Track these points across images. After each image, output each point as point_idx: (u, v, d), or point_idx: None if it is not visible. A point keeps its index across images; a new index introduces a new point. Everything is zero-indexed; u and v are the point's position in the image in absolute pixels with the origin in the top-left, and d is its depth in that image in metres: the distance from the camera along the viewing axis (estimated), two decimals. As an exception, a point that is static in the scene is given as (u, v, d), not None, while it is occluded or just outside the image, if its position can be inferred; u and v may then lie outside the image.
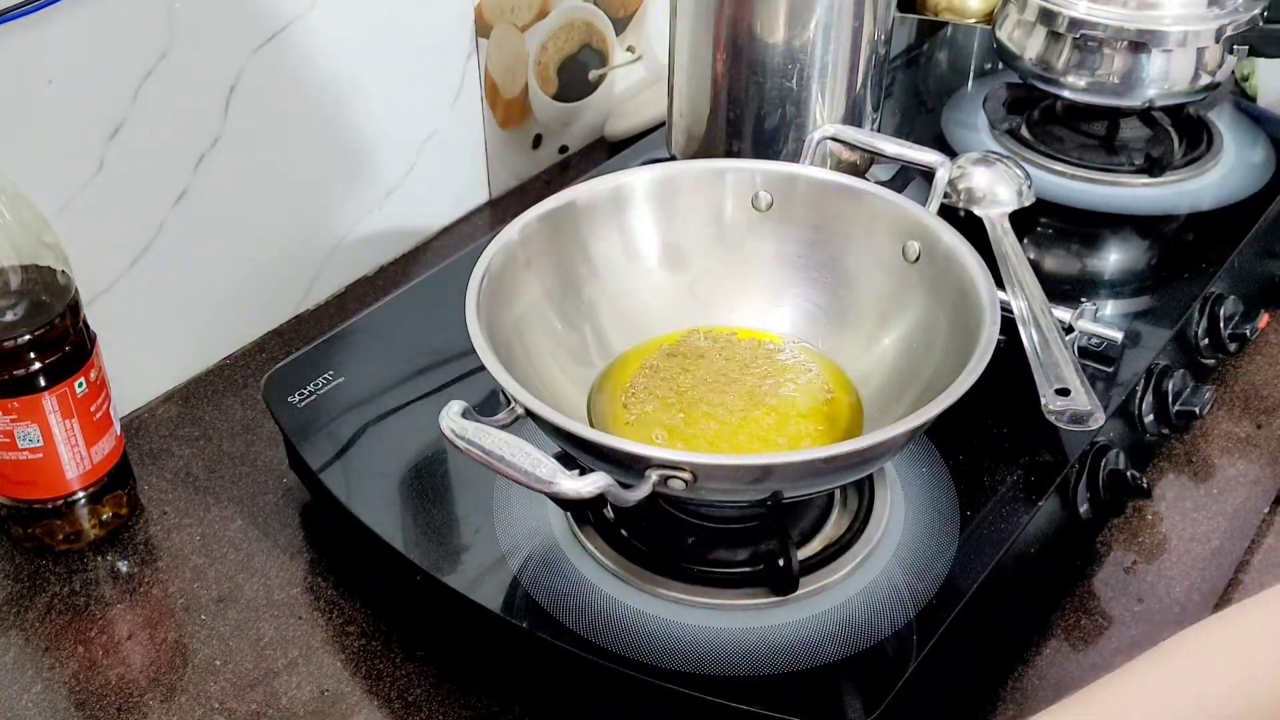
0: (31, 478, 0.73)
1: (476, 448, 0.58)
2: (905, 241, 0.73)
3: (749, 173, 0.77)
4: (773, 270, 0.77)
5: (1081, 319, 0.81)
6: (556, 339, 0.73)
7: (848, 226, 0.75)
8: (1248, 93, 1.14)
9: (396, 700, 0.68)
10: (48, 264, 0.70)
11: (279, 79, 0.88)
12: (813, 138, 0.81)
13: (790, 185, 0.77)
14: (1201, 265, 0.89)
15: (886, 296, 0.74)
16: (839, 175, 0.77)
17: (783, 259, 0.77)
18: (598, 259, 0.75)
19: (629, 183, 0.76)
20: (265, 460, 0.83)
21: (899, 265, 0.73)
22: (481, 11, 1.01)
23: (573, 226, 0.74)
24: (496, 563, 0.68)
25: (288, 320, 0.97)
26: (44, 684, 0.70)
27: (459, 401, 0.59)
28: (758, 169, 0.77)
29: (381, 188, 1.00)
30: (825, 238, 0.76)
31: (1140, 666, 0.47)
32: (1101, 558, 0.76)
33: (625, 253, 0.76)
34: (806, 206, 0.76)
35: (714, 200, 0.77)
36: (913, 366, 0.71)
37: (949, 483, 0.72)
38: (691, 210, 0.77)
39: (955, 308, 0.69)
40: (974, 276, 0.68)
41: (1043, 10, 0.99)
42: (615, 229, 0.76)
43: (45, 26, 0.74)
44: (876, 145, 0.80)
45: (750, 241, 0.77)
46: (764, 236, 0.77)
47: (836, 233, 0.76)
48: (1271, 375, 0.89)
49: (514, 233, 0.71)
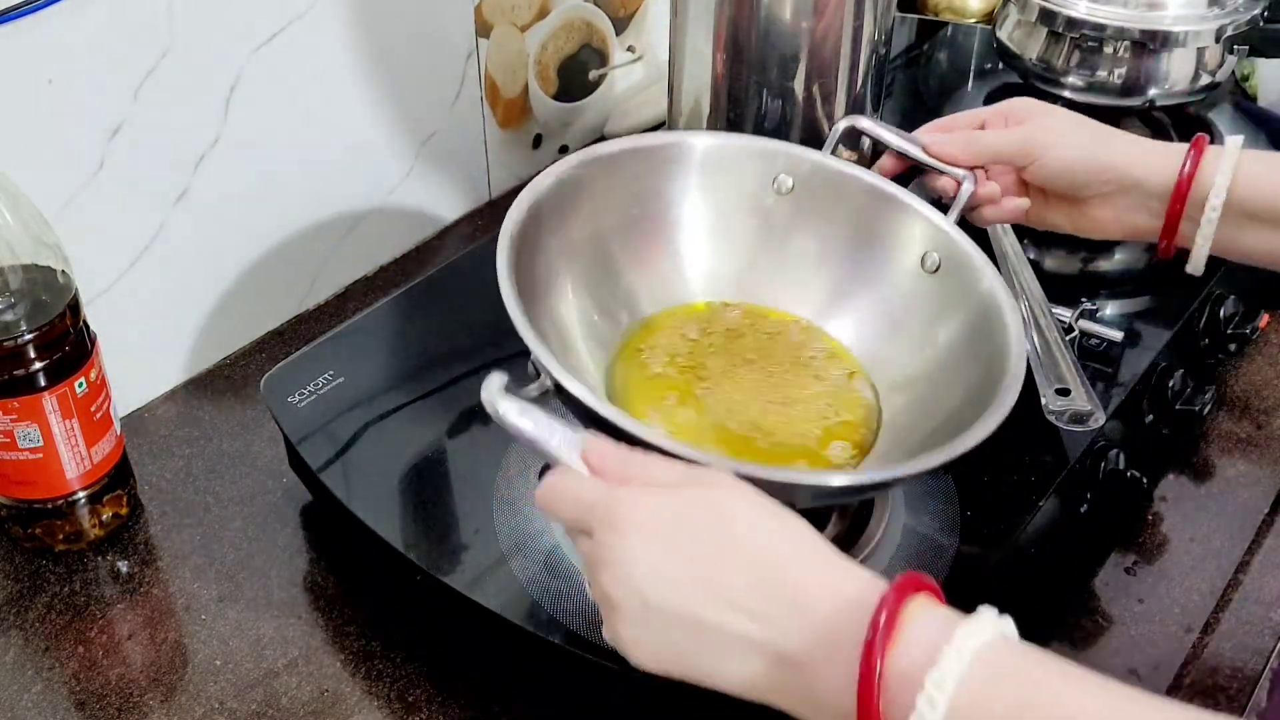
0: (31, 478, 0.73)
1: (511, 424, 0.57)
2: (925, 251, 0.73)
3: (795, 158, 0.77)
4: (803, 255, 0.77)
5: (1081, 319, 0.81)
6: (583, 302, 0.72)
7: (869, 228, 0.75)
8: (1248, 93, 1.14)
9: (396, 700, 0.68)
10: (48, 264, 0.70)
11: (279, 79, 0.88)
12: (838, 126, 0.80)
13: (814, 174, 0.76)
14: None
15: (901, 304, 0.74)
16: (868, 174, 0.77)
17: (812, 246, 0.77)
18: (635, 214, 0.75)
19: (683, 141, 0.76)
20: (265, 460, 0.83)
21: (917, 274, 0.73)
22: (481, 11, 1.01)
23: (613, 177, 0.74)
24: (496, 563, 0.68)
25: (288, 320, 0.97)
26: (44, 684, 0.70)
27: (500, 374, 0.58)
28: (804, 157, 0.77)
29: (381, 188, 1.00)
30: (846, 234, 0.76)
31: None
32: (1101, 558, 0.76)
33: (664, 214, 0.76)
34: (826, 199, 0.76)
35: (751, 179, 0.77)
36: (926, 377, 0.71)
37: (949, 483, 0.72)
38: (729, 186, 0.77)
39: (975, 327, 0.69)
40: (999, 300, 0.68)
41: (1043, 10, 0.99)
42: (660, 186, 0.76)
43: (45, 26, 0.74)
44: (901, 145, 0.79)
45: (788, 224, 0.77)
46: (787, 218, 0.77)
47: (858, 232, 0.76)
48: (1271, 375, 0.89)
49: (549, 179, 0.71)
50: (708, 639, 0.50)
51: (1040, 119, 0.77)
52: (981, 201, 0.77)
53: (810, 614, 0.49)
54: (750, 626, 0.50)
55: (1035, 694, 0.45)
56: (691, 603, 0.50)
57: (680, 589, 0.51)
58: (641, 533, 0.51)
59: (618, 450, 0.55)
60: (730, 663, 0.50)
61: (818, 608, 0.49)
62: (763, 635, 0.49)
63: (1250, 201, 0.72)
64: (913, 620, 0.47)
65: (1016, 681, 0.45)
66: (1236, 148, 0.73)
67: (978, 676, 0.45)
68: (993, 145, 0.77)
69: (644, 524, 0.52)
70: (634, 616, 0.52)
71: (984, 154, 0.77)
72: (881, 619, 0.47)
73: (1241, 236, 0.74)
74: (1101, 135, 0.77)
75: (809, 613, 0.49)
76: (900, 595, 0.48)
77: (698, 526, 0.51)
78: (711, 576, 0.50)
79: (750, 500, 0.53)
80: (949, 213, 0.75)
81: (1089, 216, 0.77)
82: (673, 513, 0.52)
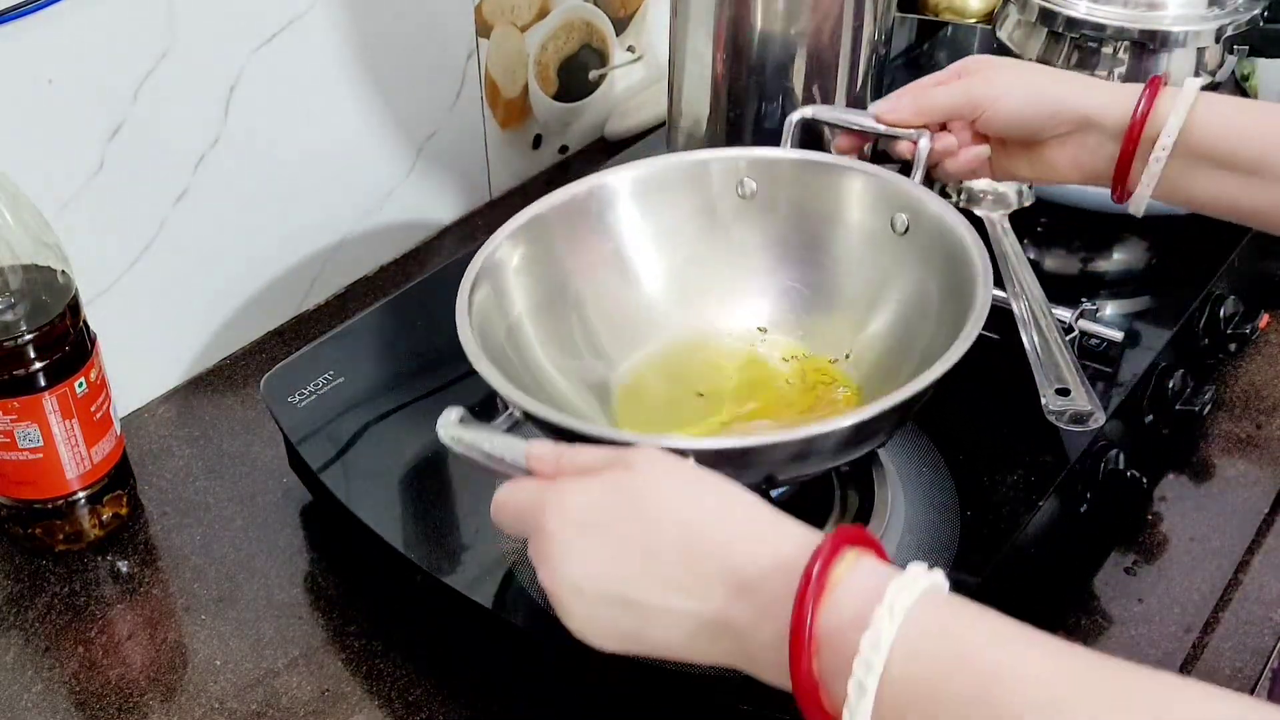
0: (31, 478, 0.73)
1: (477, 452, 0.58)
2: (893, 214, 0.73)
3: (732, 160, 0.77)
4: (763, 257, 0.77)
5: (1081, 319, 0.81)
6: (550, 341, 0.72)
7: (834, 206, 0.75)
8: (1248, 93, 1.13)
9: (396, 700, 0.68)
10: (48, 264, 0.70)
11: (279, 79, 0.88)
12: (791, 119, 0.81)
13: (771, 169, 0.76)
14: (1201, 265, 0.89)
15: (878, 272, 0.74)
16: (821, 155, 0.77)
17: (772, 244, 0.77)
18: (584, 262, 0.75)
19: (608, 184, 0.76)
20: (265, 460, 0.83)
21: (889, 239, 0.73)
22: (481, 11, 1.01)
23: (556, 233, 0.74)
24: (496, 563, 0.68)
25: (288, 320, 0.97)
26: (44, 684, 0.70)
27: (456, 408, 0.59)
28: (741, 156, 0.77)
29: (381, 188, 1.00)
30: (813, 219, 0.76)
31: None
32: (1101, 558, 0.76)
33: (614, 252, 0.76)
34: (791, 189, 0.76)
35: (698, 192, 0.77)
36: (907, 341, 0.71)
37: (949, 483, 0.72)
38: (676, 204, 0.77)
39: (947, 275, 0.69)
40: (964, 240, 0.68)
41: (1043, 10, 0.99)
42: (599, 230, 0.75)
43: (45, 26, 0.74)
44: (853, 120, 0.80)
45: (738, 230, 0.77)
46: (751, 224, 0.77)
47: (824, 213, 0.76)
48: (1271, 375, 0.89)
49: (499, 241, 0.71)
50: (649, 617, 0.51)
51: (988, 70, 0.77)
52: (941, 157, 0.77)
53: (739, 576, 0.49)
54: (684, 600, 0.50)
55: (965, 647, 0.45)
56: (624, 587, 0.51)
57: (612, 576, 0.51)
58: (567, 528, 0.52)
59: (552, 447, 0.56)
60: (675, 635, 0.51)
61: (747, 569, 0.49)
62: (696, 606, 0.50)
63: (1205, 143, 0.71)
64: (844, 577, 0.47)
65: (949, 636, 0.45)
66: (1194, 88, 0.72)
67: (911, 632, 0.45)
68: (939, 101, 0.77)
69: (569, 519, 0.52)
70: (577, 610, 0.52)
71: (932, 111, 0.77)
72: (814, 573, 0.46)
73: (1190, 180, 0.73)
74: (1052, 77, 0.77)
75: (736, 575, 0.49)
76: (833, 552, 0.47)
77: (620, 510, 0.52)
78: (638, 558, 0.51)
79: (672, 473, 0.53)
80: (912, 173, 0.75)
81: (1046, 161, 0.77)
82: (595, 502, 0.52)
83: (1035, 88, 0.76)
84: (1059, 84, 0.76)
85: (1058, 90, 0.75)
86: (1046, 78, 0.77)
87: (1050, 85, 0.76)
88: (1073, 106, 0.74)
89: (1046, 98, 0.75)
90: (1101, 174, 0.76)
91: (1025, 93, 0.75)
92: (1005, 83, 0.76)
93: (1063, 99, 0.75)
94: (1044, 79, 0.77)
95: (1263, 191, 0.71)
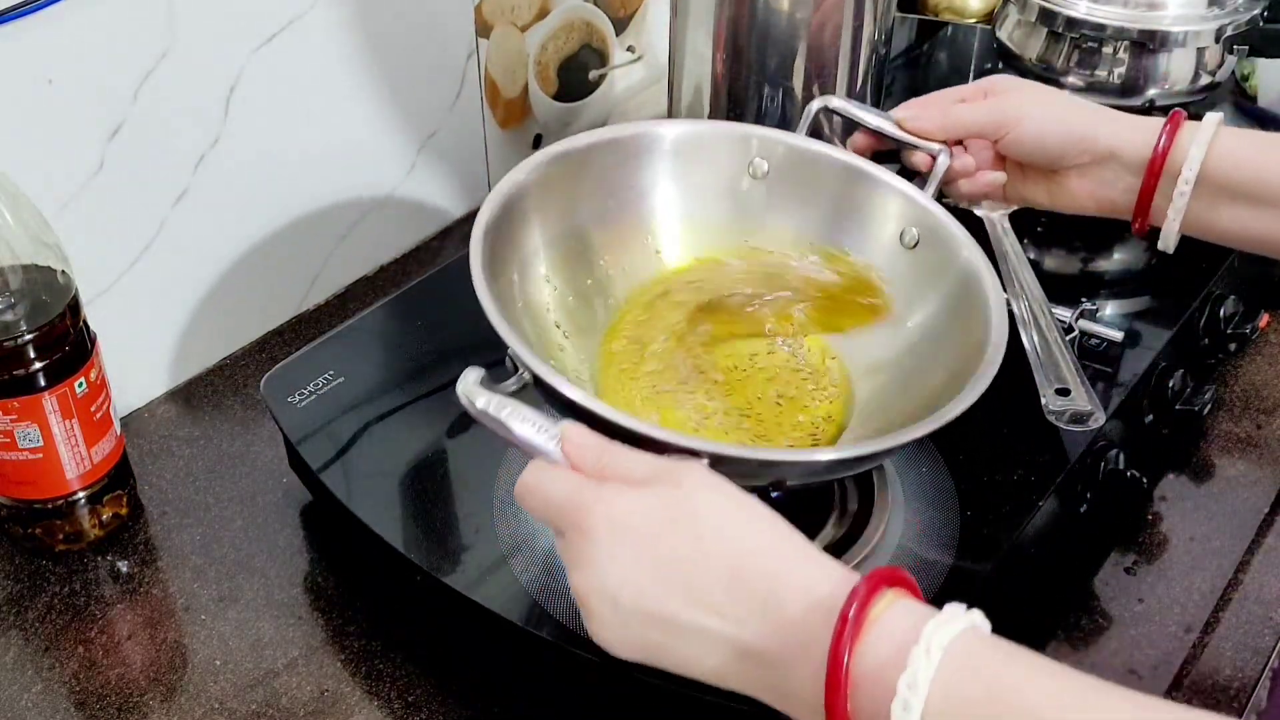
0: (31, 478, 0.73)
1: (489, 417, 0.57)
2: (904, 227, 0.73)
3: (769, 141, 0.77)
4: (780, 238, 0.77)
5: (1081, 319, 0.81)
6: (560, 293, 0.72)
7: (851, 207, 0.75)
8: (1248, 93, 1.14)
9: (396, 700, 0.68)
10: (48, 264, 0.70)
11: (279, 79, 0.88)
12: (811, 107, 0.80)
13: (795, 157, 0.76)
14: (1201, 265, 0.89)
15: (882, 280, 0.74)
16: (855, 158, 0.77)
17: (789, 229, 0.77)
18: (610, 205, 0.75)
19: (653, 130, 0.76)
20: (265, 460, 0.83)
21: (897, 250, 0.73)
22: (481, 11, 1.01)
23: (586, 170, 0.74)
24: (496, 563, 0.68)
25: (288, 320, 0.97)
26: (44, 684, 0.70)
27: (476, 369, 0.59)
28: (779, 139, 0.77)
29: (381, 188, 1.00)
30: (830, 213, 0.76)
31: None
32: (1101, 558, 0.76)
33: (637, 203, 0.76)
34: (807, 180, 0.76)
35: (725, 164, 0.77)
36: (908, 353, 0.71)
37: (949, 483, 0.72)
38: (702, 172, 0.77)
39: (956, 298, 0.69)
40: (978, 270, 0.68)
41: (1043, 10, 0.99)
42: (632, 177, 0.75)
43: (45, 26, 0.74)
44: (874, 122, 0.79)
45: (764, 207, 0.77)
46: (776, 204, 0.77)
47: (841, 210, 0.76)
48: (1271, 375, 0.89)
49: (521, 174, 0.71)
50: (681, 636, 0.51)
51: (1015, 92, 0.77)
52: (957, 175, 0.77)
53: (779, 610, 0.49)
54: (721, 624, 0.50)
55: (1000, 689, 0.45)
56: (663, 603, 0.51)
57: (651, 591, 0.51)
58: (611, 536, 0.52)
59: (595, 441, 0.55)
60: (704, 656, 0.51)
61: (787, 604, 0.49)
62: (734, 632, 0.50)
63: (1225, 177, 0.72)
64: (880, 618, 0.47)
65: (984, 677, 0.45)
66: (1214, 123, 0.72)
67: (947, 674, 0.45)
68: (966, 119, 0.77)
69: (613, 527, 0.52)
70: (607, 618, 0.52)
71: (958, 127, 0.77)
72: (851, 614, 0.46)
73: (1215, 214, 0.73)
74: (1076, 106, 0.77)
75: (778, 609, 0.49)
76: (870, 592, 0.47)
77: (666, 526, 0.52)
78: (681, 576, 0.51)
79: (719, 494, 0.53)
80: (925, 187, 0.75)
81: (1066, 190, 0.77)
82: (641, 514, 0.52)
83: (1062, 115, 0.76)
84: (1084, 113, 0.76)
85: (1084, 119, 0.75)
86: (1073, 106, 0.77)
87: (1076, 114, 0.76)
88: (1098, 140, 0.75)
89: (1073, 126, 0.75)
90: (1119, 206, 0.76)
91: (1052, 119, 0.75)
92: (1032, 106, 0.76)
93: (1088, 129, 0.75)
94: (1070, 107, 0.77)
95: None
